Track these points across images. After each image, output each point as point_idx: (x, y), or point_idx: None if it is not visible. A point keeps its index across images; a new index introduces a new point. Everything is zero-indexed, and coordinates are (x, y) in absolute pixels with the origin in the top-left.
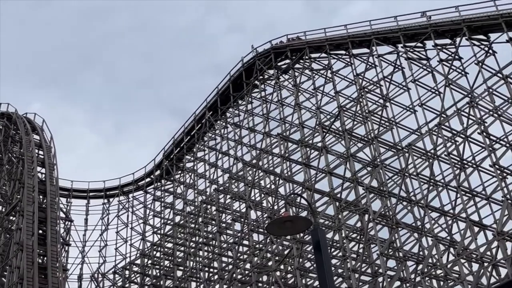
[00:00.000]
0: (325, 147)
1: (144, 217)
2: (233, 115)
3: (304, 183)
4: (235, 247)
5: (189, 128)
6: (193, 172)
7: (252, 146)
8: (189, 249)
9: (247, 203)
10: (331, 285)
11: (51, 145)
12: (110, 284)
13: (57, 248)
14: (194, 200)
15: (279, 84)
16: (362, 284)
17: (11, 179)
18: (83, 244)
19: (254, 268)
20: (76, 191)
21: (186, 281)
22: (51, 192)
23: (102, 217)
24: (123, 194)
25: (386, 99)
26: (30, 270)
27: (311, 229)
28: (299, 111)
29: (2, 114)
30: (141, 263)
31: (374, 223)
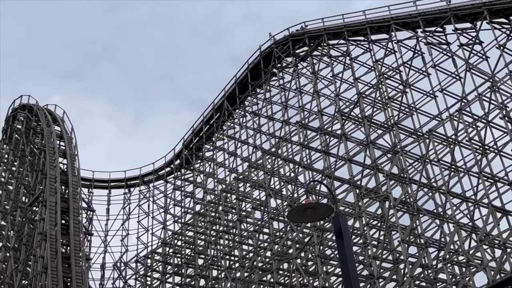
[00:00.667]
0: (344, 134)
1: (165, 206)
2: (251, 103)
3: (324, 170)
4: (256, 235)
5: (208, 118)
6: (213, 161)
7: (271, 134)
8: (210, 237)
9: (267, 191)
10: (353, 272)
11: (72, 136)
12: (132, 272)
13: (79, 237)
14: (214, 189)
15: (297, 72)
16: (383, 271)
17: (33, 170)
18: (105, 233)
19: (274, 255)
20: (98, 181)
21: (207, 269)
22: (73, 182)
23: (123, 207)
24: (143, 183)
25: (406, 85)
26: (54, 260)
27: (332, 216)
28: (317, 99)
29: (23, 106)
30: (162, 251)
31: (395, 210)
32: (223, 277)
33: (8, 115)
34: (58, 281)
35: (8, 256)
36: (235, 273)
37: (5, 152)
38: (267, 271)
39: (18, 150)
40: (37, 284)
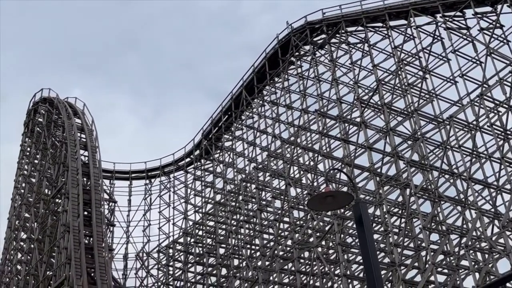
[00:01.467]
0: (364, 122)
1: (186, 196)
2: (269, 92)
3: (344, 159)
4: (276, 224)
5: (227, 108)
6: (232, 151)
7: (289, 123)
8: (231, 227)
9: (287, 180)
10: (374, 260)
11: (92, 128)
12: (154, 262)
13: (102, 228)
14: (234, 179)
15: (316, 60)
16: (405, 258)
17: (55, 162)
18: (127, 224)
19: (295, 244)
20: (119, 172)
21: (229, 258)
22: (94, 174)
23: (144, 198)
24: (164, 174)
25: (425, 71)
26: (77, 251)
27: (353, 204)
28: (336, 86)
29: (44, 99)
30: (184, 241)
31: (416, 197)
32: (244, 266)
33: (29, 108)
34: (82, 271)
35: (32, 247)
36: (256, 262)
37: (27, 146)
38: (288, 259)
39: (40, 143)
40: (61, 274)
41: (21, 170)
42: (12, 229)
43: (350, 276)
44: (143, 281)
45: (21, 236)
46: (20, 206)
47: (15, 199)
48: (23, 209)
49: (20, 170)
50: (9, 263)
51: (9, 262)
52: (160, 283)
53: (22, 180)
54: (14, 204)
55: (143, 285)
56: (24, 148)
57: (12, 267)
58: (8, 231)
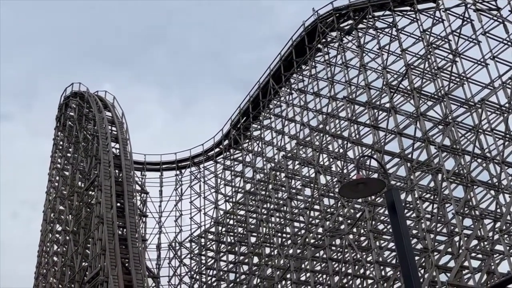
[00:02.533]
0: (393, 107)
1: (216, 186)
2: (297, 80)
3: (373, 145)
4: (307, 212)
5: (254, 97)
6: (261, 140)
7: (318, 110)
8: (261, 215)
9: (316, 168)
10: (408, 246)
11: (122, 121)
12: (187, 252)
13: (135, 219)
14: (263, 168)
15: (343, 46)
16: (438, 244)
17: (87, 155)
18: (159, 214)
19: (326, 232)
20: (150, 164)
21: (260, 246)
22: (126, 166)
23: (175, 188)
24: (194, 165)
25: (455, 54)
26: (111, 242)
27: (385, 190)
28: (364, 72)
29: (75, 93)
30: (215, 230)
31: (448, 182)
32: (276, 254)
33: (60, 103)
34: (116, 262)
35: (68, 239)
36: (288, 250)
37: (60, 139)
38: (319, 247)
39: (72, 137)
40: (96, 265)
41: (54, 163)
42: (47, 222)
43: (383, 263)
44: (176, 270)
45: (56, 228)
46: (54, 199)
47: (49, 192)
48: (57, 201)
49: (54, 164)
50: (45, 255)
51: (46, 254)
52: (193, 272)
53: (56, 174)
54: (48, 197)
55: (176, 274)
56: (56, 142)
57: (48, 258)
58: (44, 223)
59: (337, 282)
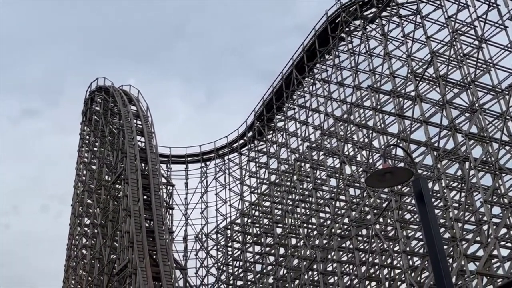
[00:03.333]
0: (419, 95)
1: (241, 178)
2: (320, 70)
3: (399, 134)
4: (332, 202)
5: (278, 88)
6: (285, 131)
7: (342, 100)
8: (287, 206)
9: (341, 158)
10: (437, 235)
11: (147, 114)
12: (213, 243)
13: (161, 212)
14: (288, 159)
15: (366, 35)
16: (466, 233)
17: (114, 149)
18: (185, 207)
19: (352, 222)
20: (175, 157)
21: (286, 237)
22: (151, 159)
23: (201, 180)
24: (218, 157)
25: (481, 40)
26: (139, 234)
27: (412, 179)
28: (389, 61)
29: (100, 88)
30: (241, 222)
31: (475, 170)
32: (302, 245)
33: (86, 97)
34: (144, 254)
35: (96, 232)
36: (314, 240)
37: (86, 134)
38: (345, 237)
39: (98, 131)
40: (124, 257)
41: (81, 158)
42: (76, 215)
43: (410, 253)
44: (203, 261)
45: (84, 221)
46: (82, 193)
47: (77, 186)
48: (85, 195)
49: (81, 158)
50: (74, 248)
51: (75, 247)
52: (219, 263)
53: (83, 168)
54: (76, 191)
55: (203, 266)
56: (83, 137)
57: (77, 251)
58: (72, 217)
59: (364, 272)
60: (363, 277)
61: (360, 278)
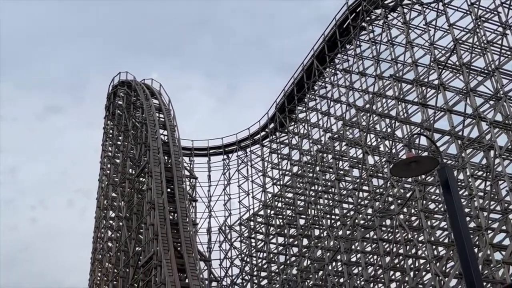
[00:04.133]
0: (442, 84)
1: (263, 169)
2: (341, 60)
3: (422, 123)
4: (355, 193)
5: (299, 79)
6: (306, 122)
7: (364, 90)
8: (309, 197)
9: (364, 148)
10: (464, 224)
11: (169, 107)
12: (237, 235)
13: (185, 204)
14: (310, 150)
15: (388, 23)
16: (492, 222)
17: (137, 143)
18: (209, 199)
19: (376, 212)
20: (197, 149)
21: (309, 228)
22: (174, 152)
23: (223, 173)
24: (240, 149)
25: (505, 27)
26: (163, 226)
27: (438, 168)
28: (411, 49)
29: (122, 82)
30: (264, 213)
31: (501, 159)
32: (325, 235)
33: (109, 92)
34: (169, 246)
35: (121, 225)
36: (337, 231)
37: (109, 128)
38: (369, 228)
39: (122, 125)
40: (149, 250)
41: (105, 152)
42: (101, 209)
43: (435, 242)
44: (227, 253)
45: (110, 214)
46: (107, 186)
47: (102, 180)
48: (110, 189)
49: (105, 152)
50: (100, 240)
51: (101, 240)
52: (243, 255)
53: (107, 161)
54: (101, 185)
55: (227, 257)
56: (107, 131)
57: (103, 244)
58: (98, 210)
59: (388, 262)
60: (388, 268)
61: (385, 268)
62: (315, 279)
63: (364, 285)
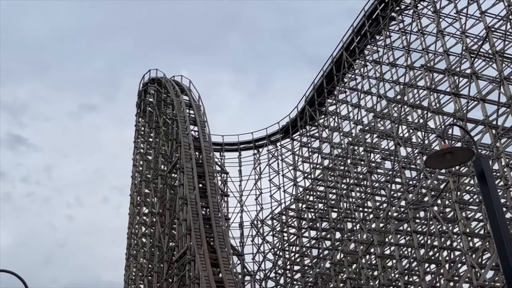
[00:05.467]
0: (474, 73)
1: (294, 163)
2: (371, 52)
3: (455, 113)
4: (388, 185)
5: (328, 72)
6: (337, 115)
7: (394, 81)
8: (341, 191)
9: (396, 140)
10: (501, 214)
11: (199, 103)
12: (269, 229)
13: (217, 199)
14: (341, 143)
15: (418, 13)
16: None
17: (168, 139)
18: (240, 194)
19: (409, 204)
20: (228, 144)
21: (342, 222)
22: (205, 147)
23: (254, 167)
24: (271, 143)
25: None
26: (196, 222)
27: (473, 159)
28: (442, 38)
29: (153, 79)
30: (296, 207)
31: None
32: (358, 229)
33: (139, 90)
34: (202, 241)
35: (154, 221)
36: (370, 224)
37: (141, 125)
38: (403, 220)
39: (153, 122)
40: (183, 245)
41: (137, 149)
42: (134, 205)
43: (470, 234)
44: (259, 247)
45: (143, 211)
46: (140, 183)
47: (134, 177)
48: (143, 185)
49: (137, 149)
50: (134, 236)
51: (135, 236)
52: (276, 249)
53: (140, 158)
54: (134, 181)
55: (260, 252)
56: (138, 128)
57: (137, 240)
58: (131, 207)
59: (422, 254)
60: (422, 260)
61: (419, 261)
62: (349, 272)
63: (398, 277)
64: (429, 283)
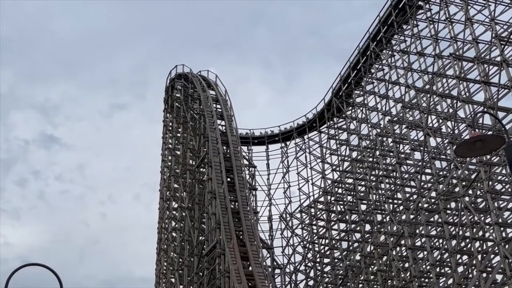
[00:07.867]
0: (505, 60)
1: (322, 156)
2: (398, 41)
3: (486, 102)
4: (417, 176)
5: (355, 63)
6: (364, 106)
7: (423, 71)
8: (370, 182)
9: (425, 130)
10: None
11: (226, 98)
12: (298, 222)
13: (245, 193)
14: (369, 134)
15: (446, 1)
16: None
17: (196, 134)
18: (268, 187)
19: (440, 195)
20: (255, 138)
21: (371, 214)
22: (232, 142)
23: (282, 160)
24: (298, 136)
25: None
26: (225, 216)
27: (504, 147)
28: (471, 26)
29: (179, 75)
30: (324, 200)
31: None
32: (388, 220)
33: (167, 85)
34: (231, 235)
35: (184, 215)
36: (400, 216)
37: (169, 121)
38: (433, 211)
39: (180, 117)
40: (212, 239)
41: (166, 144)
42: (164, 200)
43: (503, 224)
44: (289, 240)
45: (172, 205)
46: (169, 178)
47: (163, 172)
48: (171, 180)
49: (165, 145)
50: (165, 231)
51: (165, 230)
52: (305, 242)
53: (168, 154)
54: (163, 177)
55: (289, 245)
56: (166, 124)
57: (168, 234)
58: (161, 202)
59: (454, 246)
60: (454, 251)
61: (451, 252)
62: (379, 264)
63: (430, 269)
64: (462, 274)
